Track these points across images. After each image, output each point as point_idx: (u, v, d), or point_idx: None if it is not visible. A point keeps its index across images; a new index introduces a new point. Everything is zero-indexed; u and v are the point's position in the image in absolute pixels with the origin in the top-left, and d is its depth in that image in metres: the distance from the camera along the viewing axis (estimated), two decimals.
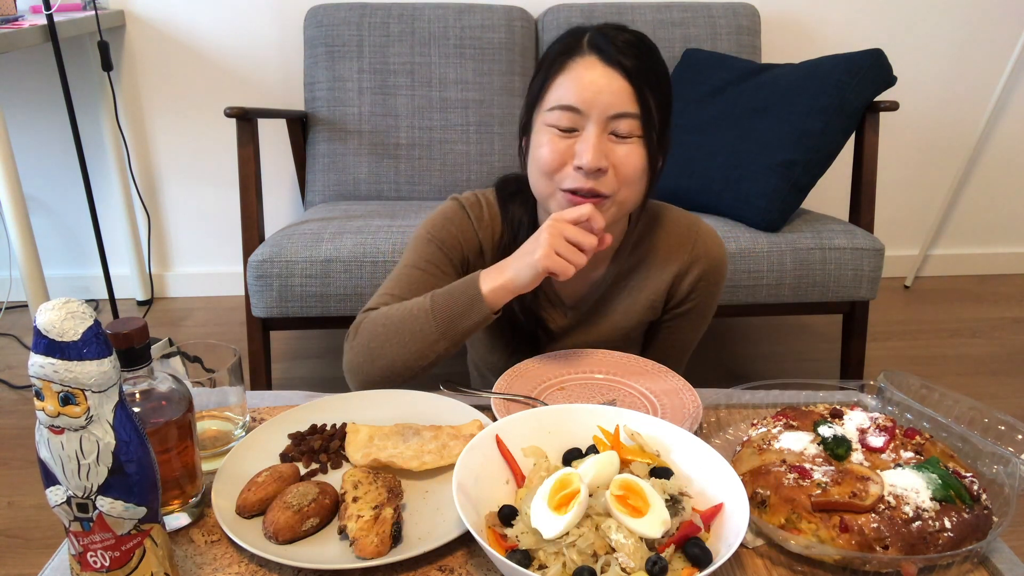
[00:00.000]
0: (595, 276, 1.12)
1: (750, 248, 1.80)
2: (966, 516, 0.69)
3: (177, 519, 0.74)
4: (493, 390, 0.96)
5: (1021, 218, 2.93)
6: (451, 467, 0.74)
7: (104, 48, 2.32)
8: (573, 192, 0.97)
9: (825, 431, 0.78)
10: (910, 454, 0.76)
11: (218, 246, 2.73)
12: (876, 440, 0.78)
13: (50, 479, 0.59)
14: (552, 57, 0.99)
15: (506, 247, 1.09)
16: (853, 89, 1.83)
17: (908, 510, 0.68)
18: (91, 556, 0.60)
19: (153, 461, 0.61)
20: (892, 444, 0.78)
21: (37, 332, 0.54)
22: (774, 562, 0.71)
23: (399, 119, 2.24)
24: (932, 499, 0.69)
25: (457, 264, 1.10)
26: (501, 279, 0.96)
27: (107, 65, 2.35)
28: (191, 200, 2.67)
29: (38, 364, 0.55)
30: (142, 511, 0.60)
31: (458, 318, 0.97)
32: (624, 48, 0.95)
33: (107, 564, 0.60)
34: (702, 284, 1.12)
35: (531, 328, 1.11)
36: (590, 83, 0.93)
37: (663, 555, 0.62)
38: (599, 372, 1.03)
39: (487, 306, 0.96)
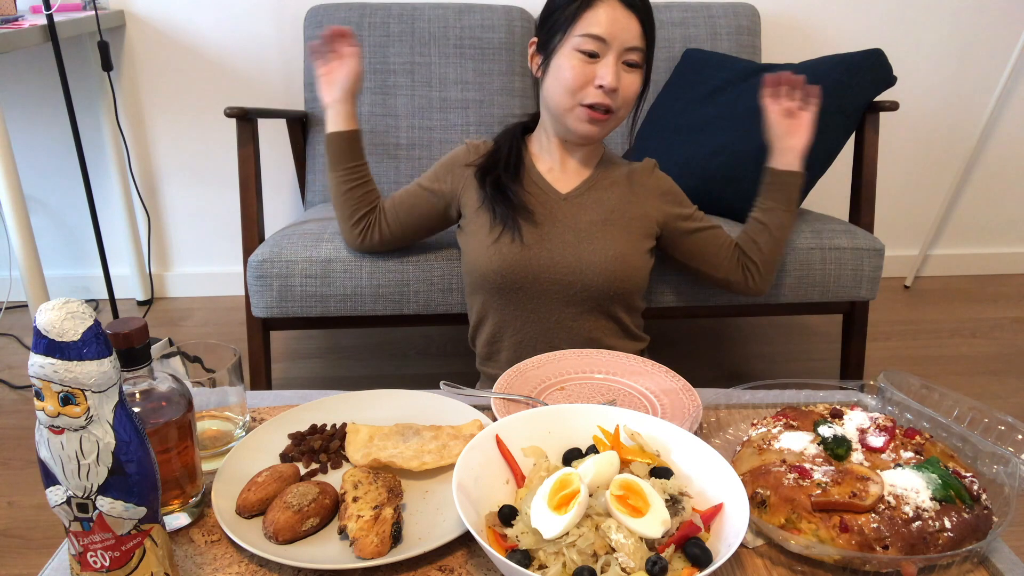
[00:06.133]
0: (586, 174, 1.36)
1: None
2: (966, 516, 0.69)
3: (177, 519, 0.74)
4: (493, 390, 0.96)
5: (1021, 218, 2.92)
6: (451, 467, 0.74)
7: (104, 48, 2.32)
8: (592, 107, 1.23)
9: (825, 431, 0.78)
10: (910, 454, 0.76)
11: (218, 246, 2.73)
12: (876, 440, 0.78)
13: (50, 479, 0.59)
14: None
15: (490, 155, 1.36)
16: (853, 89, 1.82)
17: (908, 510, 0.68)
18: (91, 556, 0.60)
19: (153, 461, 0.61)
20: (892, 444, 0.78)
21: (37, 332, 0.54)
22: (774, 562, 0.71)
23: (399, 119, 2.24)
24: (932, 499, 0.69)
25: (439, 192, 1.38)
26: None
27: (107, 65, 2.35)
28: (191, 200, 2.67)
29: (38, 364, 0.55)
30: (142, 511, 0.60)
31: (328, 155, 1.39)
32: None
33: (107, 564, 0.61)
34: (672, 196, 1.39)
35: (516, 204, 1.29)
36: (614, 20, 1.20)
37: (663, 555, 0.62)
38: (599, 372, 1.03)
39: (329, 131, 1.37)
